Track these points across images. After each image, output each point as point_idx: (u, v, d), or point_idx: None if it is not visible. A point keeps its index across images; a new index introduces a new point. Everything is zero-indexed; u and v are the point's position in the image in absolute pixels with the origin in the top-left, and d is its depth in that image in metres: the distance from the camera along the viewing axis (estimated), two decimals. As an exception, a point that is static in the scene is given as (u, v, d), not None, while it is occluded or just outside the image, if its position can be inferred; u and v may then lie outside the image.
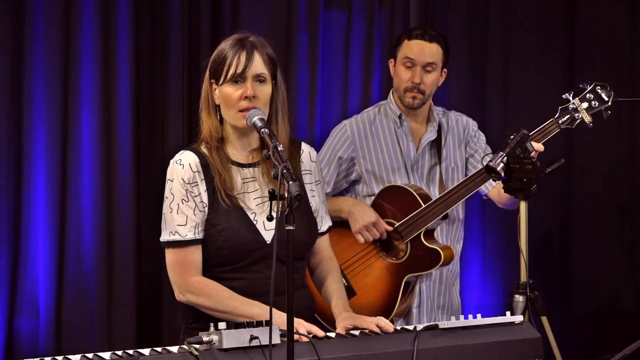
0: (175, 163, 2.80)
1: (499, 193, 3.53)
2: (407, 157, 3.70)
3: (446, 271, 3.73)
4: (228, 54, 2.77)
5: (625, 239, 4.52)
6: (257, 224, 2.79)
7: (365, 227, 3.55)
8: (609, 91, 3.48)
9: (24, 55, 3.88)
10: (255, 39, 2.81)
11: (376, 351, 2.55)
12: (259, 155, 2.85)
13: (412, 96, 3.64)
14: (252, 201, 2.81)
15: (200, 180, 2.78)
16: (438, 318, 3.72)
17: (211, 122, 2.82)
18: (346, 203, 3.64)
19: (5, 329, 3.85)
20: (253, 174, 2.84)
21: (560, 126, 3.48)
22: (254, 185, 2.83)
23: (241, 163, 2.84)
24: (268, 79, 2.79)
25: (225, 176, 2.78)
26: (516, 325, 2.80)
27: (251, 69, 2.75)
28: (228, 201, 2.77)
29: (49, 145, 3.92)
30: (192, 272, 2.77)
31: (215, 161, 2.79)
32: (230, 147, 2.84)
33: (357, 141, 3.71)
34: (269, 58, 2.80)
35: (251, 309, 2.70)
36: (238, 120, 2.77)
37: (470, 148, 3.76)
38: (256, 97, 2.75)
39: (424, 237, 3.54)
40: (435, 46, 3.61)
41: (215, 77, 2.79)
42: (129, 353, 2.34)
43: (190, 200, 2.76)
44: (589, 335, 4.42)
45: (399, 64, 3.66)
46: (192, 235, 2.76)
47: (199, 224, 2.77)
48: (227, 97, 2.77)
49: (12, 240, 3.88)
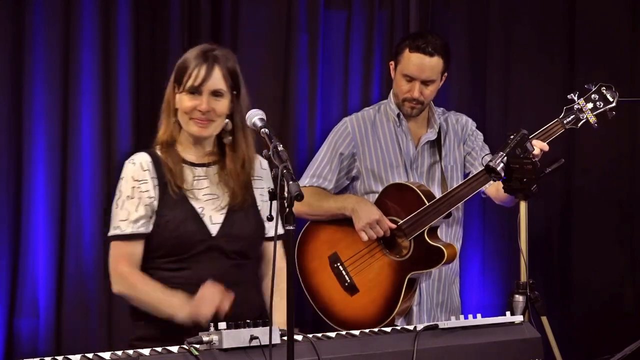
0: (128, 162, 2.88)
1: (497, 190, 3.53)
2: (406, 155, 3.71)
3: (446, 269, 3.73)
4: (190, 64, 2.84)
5: (625, 239, 4.52)
6: (204, 217, 2.84)
7: (369, 225, 3.56)
8: (614, 92, 3.49)
9: (24, 55, 3.89)
10: (220, 52, 2.87)
11: (376, 351, 2.55)
12: (212, 157, 2.91)
13: (411, 107, 3.67)
14: (202, 196, 2.86)
15: (150, 178, 2.83)
16: (437, 316, 3.72)
17: (169, 125, 2.88)
18: (350, 200, 3.64)
19: (5, 329, 3.86)
20: (205, 173, 2.90)
21: (565, 126, 3.48)
22: (204, 183, 2.89)
23: (194, 162, 2.89)
24: (226, 94, 2.84)
25: (176, 171, 2.84)
26: (516, 325, 2.80)
27: (208, 84, 2.81)
28: (178, 192, 2.82)
29: (49, 145, 3.92)
30: (126, 264, 2.83)
31: (167, 160, 2.85)
32: (182, 149, 2.89)
33: (357, 137, 3.71)
34: (230, 73, 2.85)
35: (171, 300, 2.75)
36: (190, 127, 2.84)
37: (467, 146, 3.77)
38: (210, 112, 2.81)
39: (427, 235, 3.54)
40: (436, 60, 3.61)
41: (177, 83, 2.86)
42: (129, 353, 2.34)
43: (134, 197, 2.82)
44: (589, 335, 4.42)
45: (399, 75, 3.66)
46: (130, 230, 2.82)
47: (139, 219, 2.82)
48: (182, 106, 2.83)
49: (12, 240, 3.88)
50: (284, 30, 4.26)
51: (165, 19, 4.09)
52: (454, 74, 4.19)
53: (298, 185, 2.35)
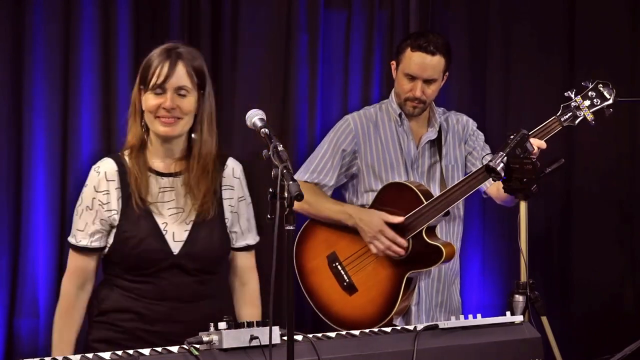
0: (94, 170, 2.86)
1: (497, 189, 3.53)
2: (407, 155, 3.71)
3: (445, 269, 3.73)
4: (154, 62, 2.80)
5: (625, 239, 4.52)
6: (167, 234, 2.82)
7: (375, 237, 3.55)
8: (610, 89, 3.49)
9: (24, 55, 3.88)
10: (184, 49, 2.83)
11: (376, 351, 2.55)
12: (180, 166, 2.87)
13: (413, 106, 3.67)
14: (167, 211, 2.84)
15: (114, 189, 2.81)
16: (437, 316, 3.73)
17: (136, 128, 2.85)
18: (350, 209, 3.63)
19: (5, 329, 3.85)
20: (172, 183, 2.86)
21: (563, 124, 3.49)
22: (170, 195, 2.85)
23: (160, 172, 2.85)
24: (191, 91, 2.80)
25: (141, 182, 2.80)
26: (516, 325, 2.80)
27: (171, 81, 2.78)
28: (142, 205, 2.79)
29: (49, 144, 3.92)
30: (75, 280, 2.85)
31: (133, 167, 2.81)
32: (152, 155, 2.86)
33: (360, 135, 3.72)
34: (195, 70, 2.81)
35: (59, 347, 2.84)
36: (156, 127, 2.80)
37: (468, 146, 3.78)
38: (175, 109, 2.78)
39: (425, 234, 3.54)
40: (437, 58, 3.62)
41: (142, 83, 2.83)
42: (129, 353, 2.34)
43: (93, 209, 2.81)
44: (589, 335, 4.42)
45: (401, 74, 3.67)
46: (85, 243, 2.83)
47: (95, 233, 2.81)
48: (148, 105, 2.80)
49: (12, 240, 3.87)
50: (284, 30, 4.26)
51: (165, 19, 4.09)
52: (454, 74, 4.18)
53: (298, 185, 2.34)
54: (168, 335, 2.75)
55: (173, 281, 2.81)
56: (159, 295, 2.81)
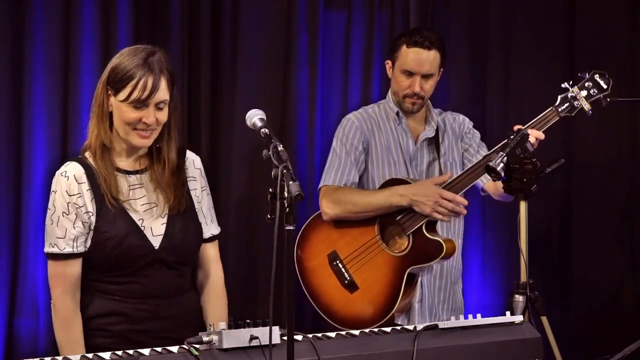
0: (60, 175, 2.80)
1: (495, 185, 3.53)
2: (406, 152, 3.72)
3: (448, 267, 3.73)
4: (134, 73, 2.71)
5: (625, 239, 4.53)
6: (145, 230, 2.80)
7: (436, 204, 3.49)
8: (607, 79, 3.49)
9: (24, 55, 3.88)
10: (159, 55, 2.76)
11: (376, 351, 2.55)
12: (145, 162, 2.86)
13: (412, 102, 3.68)
14: (140, 207, 2.82)
15: (85, 191, 2.77)
16: (439, 314, 3.73)
17: (101, 129, 2.78)
18: (400, 190, 3.56)
19: (5, 329, 3.85)
20: (140, 180, 2.85)
21: (560, 114, 3.49)
22: (141, 192, 2.84)
23: (127, 170, 2.84)
24: (168, 102, 2.78)
25: (110, 182, 2.77)
26: (516, 325, 2.80)
27: (155, 97, 2.73)
28: (116, 204, 2.77)
29: (49, 144, 3.92)
30: (67, 288, 2.79)
31: (100, 168, 2.78)
32: (116, 155, 2.84)
33: (365, 131, 3.72)
34: (171, 77, 2.78)
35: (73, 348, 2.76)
36: (133, 139, 2.77)
37: (464, 143, 3.79)
38: (154, 122, 2.75)
39: (425, 229, 3.54)
40: (434, 53, 3.63)
41: (113, 88, 2.75)
42: (129, 353, 2.34)
43: (71, 214, 2.77)
44: (589, 335, 4.42)
45: (397, 71, 3.68)
46: (69, 249, 2.79)
47: (78, 237, 2.78)
48: (125, 117, 2.74)
49: (12, 240, 3.87)
50: (284, 30, 4.26)
51: (165, 19, 4.09)
52: (454, 74, 4.19)
53: (298, 185, 2.34)
54: (157, 332, 2.76)
55: (155, 278, 2.80)
56: (143, 293, 2.80)
